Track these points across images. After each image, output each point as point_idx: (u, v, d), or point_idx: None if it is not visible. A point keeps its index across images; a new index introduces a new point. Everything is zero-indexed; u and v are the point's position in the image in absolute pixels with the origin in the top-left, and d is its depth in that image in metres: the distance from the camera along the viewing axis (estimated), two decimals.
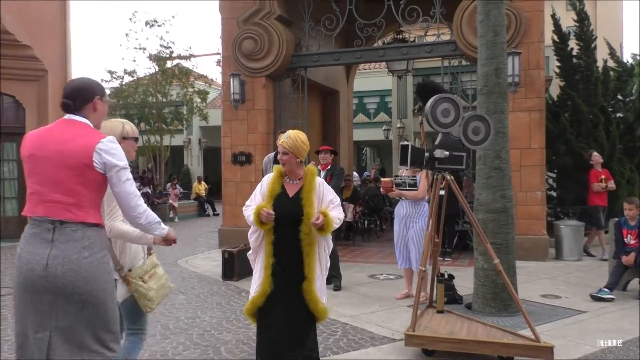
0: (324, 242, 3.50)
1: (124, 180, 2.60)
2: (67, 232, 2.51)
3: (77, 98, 2.67)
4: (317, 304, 3.43)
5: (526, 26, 8.52)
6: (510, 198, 5.58)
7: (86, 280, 2.50)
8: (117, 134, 3.08)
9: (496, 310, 5.41)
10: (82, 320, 2.52)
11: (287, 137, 3.46)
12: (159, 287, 3.19)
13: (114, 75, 20.72)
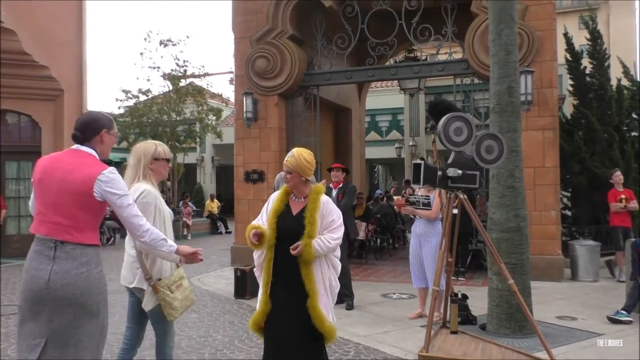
0: (326, 262, 3.46)
1: (125, 206, 2.86)
2: (67, 250, 2.78)
3: (86, 130, 2.95)
4: (324, 322, 3.37)
5: (538, 45, 8.52)
6: (524, 217, 5.53)
7: (82, 292, 2.75)
8: (150, 154, 3.45)
9: (511, 331, 5.34)
10: (76, 328, 2.76)
11: (291, 156, 3.47)
12: (184, 297, 3.42)
13: (128, 95, 20.97)
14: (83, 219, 2.81)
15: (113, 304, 7.02)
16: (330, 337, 3.43)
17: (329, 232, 3.42)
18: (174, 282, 3.39)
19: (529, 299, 5.48)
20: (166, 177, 3.62)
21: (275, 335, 3.44)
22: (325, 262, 3.46)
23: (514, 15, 5.55)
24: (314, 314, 3.35)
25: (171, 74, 20.36)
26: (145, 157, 3.49)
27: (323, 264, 3.45)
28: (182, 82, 20.91)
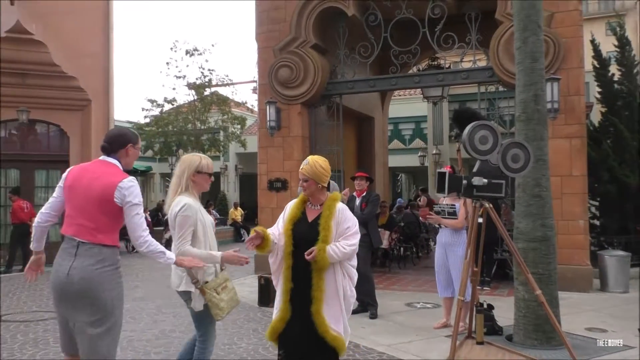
0: (342, 270, 3.44)
1: (134, 214, 3.14)
2: (86, 248, 3.12)
3: (114, 143, 3.31)
4: (327, 331, 3.33)
5: (565, 52, 8.42)
6: (551, 227, 5.44)
7: (95, 287, 3.07)
8: (193, 167, 3.63)
9: (538, 342, 5.24)
10: (93, 321, 3.07)
11: (306, 163, 3.49)
12: (229, 299, 3.62)
13: (154, 104, 21.29)
14: (104, 222, 3.14)
15: (138, 311, 7.12)
16: (337, 347, 3.36)
17: (344, 238, 3.40)
18: (219, 284, 3.58)
19: (557, 310, 5.38)
20: (207, 190, 3.80)
21: (290, 343, 3.44)
22: (340, 270, 3.43)
23: (539, 23, 5.50)
24: (317, 321, 3.33)
25: (195, 84, 20.62)
26: (189, 169, 3.65)
27: (338, 272, 3.42)
28: (207, 91, 21.16)
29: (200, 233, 3.54)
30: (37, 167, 12.59)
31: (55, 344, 5.61)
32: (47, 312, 7.19)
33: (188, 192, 3.61)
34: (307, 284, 3.38)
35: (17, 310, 7.42)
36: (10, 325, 6.49)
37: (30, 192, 12.39)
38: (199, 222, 3.54)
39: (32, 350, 5.38)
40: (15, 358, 5.18)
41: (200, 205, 3.67)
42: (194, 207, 3.54)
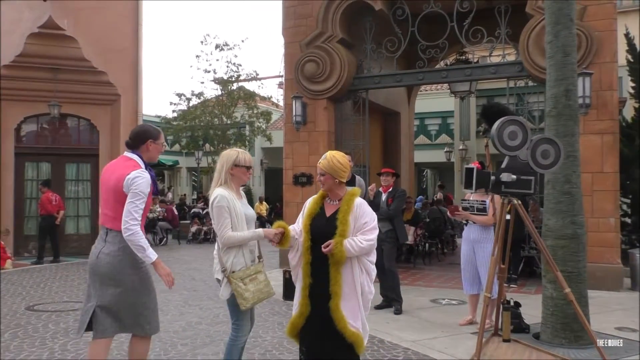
0: (359, 265, 3.41)
1: (129, 201, 3.42)
2: (113, 236, 3.53)
3: (136, 139, 3.65)
4: (346, 326, 3.32)
5: (598, 46, 8.23)
6: (581, 224, 5.34)
7: (118, 271, 3.49)
8: (231, 161, 3.81)
9: (567, 341, 5.16)
10: (118, 300, 3.50)
11: (323, 158, 3.52)
12: (256, 290, 3.72)
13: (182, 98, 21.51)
14: (121, 212, 3.44)
15: (165, 303, 7.22)
16: (355, 343, 3.35)
17: (361, 233, 3.39)
18: (248, 275, 3.71)
19: (586, 309, 5.28)
20: (245, 182, 3.97)
21: (310, 339, 3.45)
22: (357, 265, 3.41)
23: (572, 16, 5.38)
24: (335, 316, 3.32)
25: (222, 79, 20.76)
26: (227, 164, 3.82)
27: (355, 267, 3.40)
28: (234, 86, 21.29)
29: (235, 224, 3.68)
30: (67, 160, 12.85)
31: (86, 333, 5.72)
32: (78, 303, 7.34)
33: (226, 185, 3.78)
34: (325, 279, 3.38)
35: (48, 300, 7.60)
36: (42, 315, 6.65)
37: (61, 185, 12.66)
38: (232, 212, 3.68)
39: (64, 340, 5.51)
40: (47, 347, 5.30)
41: (237, 197, 3.81)
42: (227, 198, 3.69)
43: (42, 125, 12.77)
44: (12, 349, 5.20)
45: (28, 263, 11.23)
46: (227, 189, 3.76)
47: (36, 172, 12.66)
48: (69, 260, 11.73)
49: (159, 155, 3.77)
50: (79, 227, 13.00)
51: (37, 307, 7.11)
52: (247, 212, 3.83)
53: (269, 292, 3.84)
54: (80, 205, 13.01)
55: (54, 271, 10.27)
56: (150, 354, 4.69)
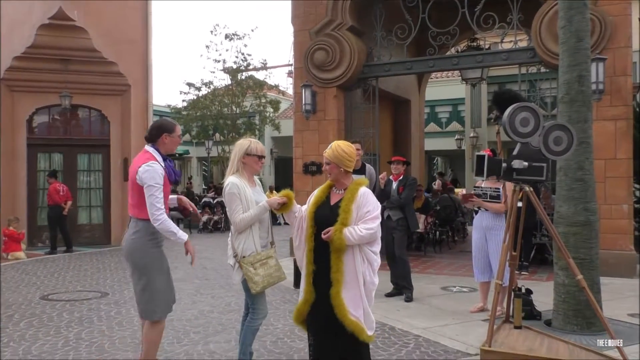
0: (361, 255, 3.40)
1: (148, 195, 3.68)
2: (132, 222, 3.86)
3: (152, 134, 3.90)
4: (345, 315, 3.30)
5: (612, 31, 8.12)
6: (594, 211, 5.30)
7: (131, 253, 3.81)
8: (243, 150, 3.96)
9: (578, 328, 5.15)
10: (137, 281, 3.83)
11: (329, 148, 3.56)
12: (266, 274, 3.87)
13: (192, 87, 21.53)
14: (137, 200, 3.77)
15: (178, 291, 7.20)
16: (355, 332, 3.32)
17: (363, 222, 3.37)
18: (259, 260, 3.87)
19: (598, 296, 5.26)
20: (257, 171, 4.07)
21: (316, 326, 3.48)
22: (359, 254, 3.40)
23: (585, 0, 5.31)
24: (335, 304, 3.32)
25: (231, 68, 20.74)
26: (239, 153, 3.97)
27: (357, 256, 3.39)
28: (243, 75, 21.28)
29: (245, 208, 3.84)
30: (79, 151, 12.94)
31: (100, 322, 5.81)
32: (91, 292, 7.43)
33: (238, 174, 3.94)
34: (328, 266, 3.39)
35: (62, 289, 7.69)
36: (56, 304, 6.74)
37: (73, 175, 12.77)
38: (243, 198, 3.83)
39: (78, 329, 5.58)
40: (61, 335, 5.37)
41: (251, 185, 3.95)
42: (238, 185, 3.85)
43: (53, 116, 12.86)
44: (27, 337, 5.28)
45: (42, 253, 11.36)
46: (239, 177, 3.91)
47: (48, 162, 12.76)
48: (82, 250, 11.85)
49: (176, 147, 3.99)
50: (91, 217, 13.11)
51: (52, 296, 7.20)
52: (258, 199, 3.90)
53: (280, 276, 3.99)
54: (92, 195, 13.11)
55: (67, 261, 10.38)
56: (163, 341, 4.75)
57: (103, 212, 13.00)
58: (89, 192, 13.07)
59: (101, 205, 13.08)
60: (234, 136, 21.31)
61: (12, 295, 7.26)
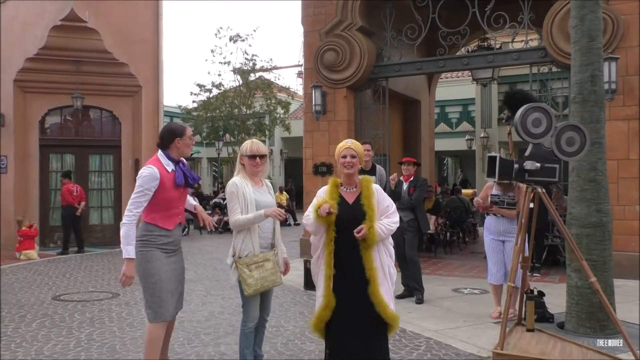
0: (384, 248, 3.47)
1: (133, 195, 3.65)
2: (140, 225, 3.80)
3: (163, 139, 3.84)
4: (386, 309, 3.37)
5: (624, 30, 8.03)
6: (607, 212, 5.25)
7: (136, 255, 3.67)
8: (241, 152, 4.01)
9: (592, 330, 5.09)
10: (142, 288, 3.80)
11: (351, 142, 3.58)
12: (261, 277, 3.79)
13: (202, 89, 21.59)
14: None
15: (188, 293, 7.29)
16: (394, 324, 3.43)
17: (386, 217, 3.46)
18: (255, 262, 3.81)
19: (612, 298, 5.20)
20: (255, 172, 4.00)
21: (342, 329, 3.43)
22: (383, 249, 3.47)
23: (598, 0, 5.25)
24: (376, 301, 3.35)
25: (241, 69, 20.77)
26: (239, 154, 4.07)
27: (381, 250, 3.46)
28: (252, 76, 21.30)
29: (242, 208, 3.85)
30: (91, 152, 13.02)
31: (111, 323, 5.84)
32: (103, 292, 7.47)
33: (240, 175, 3.96)
34: (352, 267, 3.38)
35: (74, 290, 7.74)
36: (68, 304, 6.78)
37: (84, 176, 12.85)
38: (241, 198, 3.84)
39: (89, 329, 5.61)
40: (73, 336, 5.40)
41: (254, 185, 3.96)
42: (237, 184, 3.88)
43: (65, 117, 12.94)
44: (39, 338, 5.31)
45: (54, 253, 11.44)
46: (242, 177, 3.94)
47: (60, 163, 12.85)
48: (93, 250, 11.92)
49: (189, 149, 3.94)
50: (102, 217, 13.19)
51: (64, 297, 7.24)
52: (259, 199, 3.90)
53: (275, 281, 3.88)
54: (104, 196, 13.18)
55: (79, 261, 10.45)
56: (173, 342, 4.76)
57: (114, 213, 13.07)
58: (100, 192, 13.14)
59: (112, 206, 13.15)
60: (243, 137, 21.34)
61: (25, 295, 7.32)
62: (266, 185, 4.12)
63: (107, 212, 13.19)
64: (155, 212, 3.74)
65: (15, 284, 8.15)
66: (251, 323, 3.92)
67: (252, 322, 3.92)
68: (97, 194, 13.11)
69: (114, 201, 13.11)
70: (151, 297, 3.73)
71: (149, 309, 3.77)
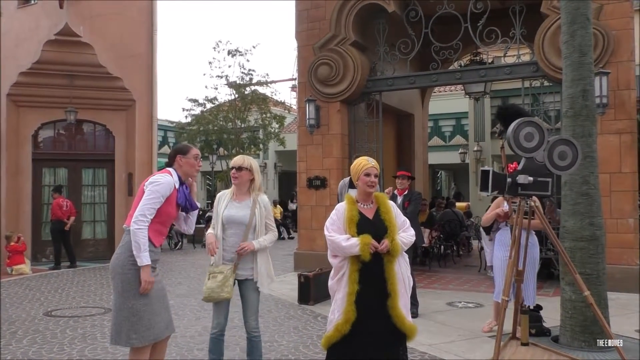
0: (403, 260, 3.57)
1: (144, 198, 3.55)
2: (125, 234, 3.68)
3: (169, 156, 3.86)
4: (404, 321, 3.45)
5: (615, 45, 8.13)
6: (600, 226, 5.27)
7: (113, 267, 3.62)
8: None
9: (586, 344, 5.08)
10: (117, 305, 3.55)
11: (373, 161, 3.65)
12: (209, 288, 4.01)
13: (195, 103, 21.61)
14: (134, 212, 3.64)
15: (182, 307, 7.25)
16: (412, 335, 3.52)
17: (403, 231, 3.59)
18: (212, 272, 4.08)
19: (606, 311, 5.20)
20: (236, 183, 4.18)
21: (361, 342, 3.44)
22: (402, 259, 3.57)
23: (588, 15, 5.32)
24: (394, 314, 3.42)
25: (236, 83, 20.82)
26: None
27: (401, 262, 3.55)
28: (247, 90, 21.34)
29: (214, 221, 4.18)
30: (84, 165, 12.98)
31: (103, 339, 5.77)
32: (95, 308, 7.40)
33: (232, 187, 4.23)
34: (374, 280, 3.44)
35: (66, 305, 7.67)
36: (59, 320, 6.71)
37: (77, 190, 12.80)
38: (215, 210, 4.19)
39: (81, 345, 5.55)
40: (65, 352, 5.34)
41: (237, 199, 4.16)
42: (218, 197, 4.24)
43: (59, 131, 12.92)
44: (30, 354, 5.25)
45: (46, 268, 11.35)
46: (231, 190, 4.23)
47: (53, 177, 12.80)
48: (85, 265, 11.83)
49: (194, 170, 3.82)
50: (95, 232, 13.12)
51: (55, 312, 7.17)
52: (233, 214, 4.08)
53: (220, 295, 3.99)
54: (97, 210, 13.12)
55: (71, 276, 10.37)
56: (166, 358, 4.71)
57: (107, 227, 13.00)
58: (93, 206, 13.08)
59: (105, 220, 13.09)
60: (237, 151, 21.32)
61: (16, 311, 7.24)
62: (253, 200, 4.13)
63: (100, 226, 13.13)
64: (152, 224, 3.56)
65: (6, 299, 8.07)
66: (215, 329, 4.12)
67: (216, 329, 4.12)
68: (90, 208, 13.05)
69: (107, 215, 13.05)
70: (139, 320, 3.47)
71: (133, 334, 3.46)
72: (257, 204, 4.13)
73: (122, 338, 3.50)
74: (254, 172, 4.15)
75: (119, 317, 3.51)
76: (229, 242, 4.08)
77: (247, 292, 4.16)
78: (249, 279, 4.13)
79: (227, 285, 4.00)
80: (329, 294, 3.65)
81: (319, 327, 6.14)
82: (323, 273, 7.50)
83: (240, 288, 4.18)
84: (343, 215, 3.56)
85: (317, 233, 10.20)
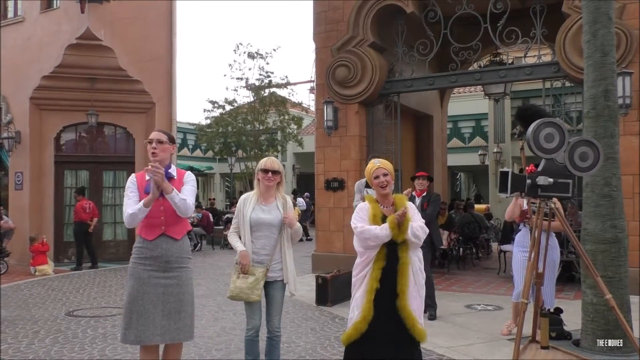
0: (418, 264, 3.58)
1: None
2: None
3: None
4: (415, 323, 3.44)
5: (637, 44, 8.00)
6: (622, 228, 5.18)
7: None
8: (257, 166, 4.21)
9: (608, 348, 5.00)
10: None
11: (379, 162, 3.68)
12: (237, 287, 4.02)
13: (215, 105, 21.75)
14: None
15: (200, 308, 7.30)
16: (421, 340, 3.50)
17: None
18: (240, 272, 4.06)
19: (628, 315, 5.12)
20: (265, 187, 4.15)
21: (377, 342, 3.47)
22: (416, 263, 3.58)
23: (610, 15, 5.24)
24: (404, 315, 3.43)
25: (254, 85, 20.90)
26: (256, 169, 4.27)
27: (415, 265, 3.56)
28: (265, 92, 21.42)
29: (240, 224, 4.16)
30: (105, 168, 13.15)
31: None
32: (115, 308, 7.49)
33: (256, 189, 4.21)
34: (389, 280, 3.48)
35: (87, 306, 7.77)
36: (81, 320, 6.80)
37: (99, 192, 12.96)
38: (240, 213, 4.14)
39: (102, 345, 5.62)
40: (86, 352, 5.41)
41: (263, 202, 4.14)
42: (243, 200, 4.20)
43: (80, 134, 13.11)
44: (52, 354, 5.33)
45: (68, 269, 11.52)
46: (255, 192, 4.19)
47: (75, 179, 12.98)
48: (106, 266, 11.98)
49: (149, 154, 3.69)
50: (116, 233, 13.27)
51: (77, 312, 7.27)
52: (261, 217, 4.08)
53: (249, 296, 4.00)
54: (117, 212, 13.26)
55: (93, 277, 10.50)
56: (185, 358, 4.74)
57: (128, 229, 13.10)
58: (114, 208, 13.23)
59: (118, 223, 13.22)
60: (256, 152, 21.41)
61: (39, 311, 7.36)
62: (280, 202, 4.17)
63: (120, 227, 13.27)
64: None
65: (29, 299, 8.21)
66: (250, 331, 4.07)
67: (252, 330, 4.07)
68: (110, 209, 13.20)
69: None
70: (125, 316, 3.67)
71: (122, 329, 3.72)
72: (284, 205, 4.19)
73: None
74: (282, 175, 4.23)
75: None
76: (258, 244, 4.09)
77: (275, 292, 4.16)
78: (278, 280, 4.15)
79: (258, 288, 4.01)
80: (346, 295, 3.68)
81: (336, 328, 6.14)
82: (341, 275, 7.49)
83: (268, 288, 4.16)
84: (367, 212, 3.63)
85: (335, 235, 10.20)
